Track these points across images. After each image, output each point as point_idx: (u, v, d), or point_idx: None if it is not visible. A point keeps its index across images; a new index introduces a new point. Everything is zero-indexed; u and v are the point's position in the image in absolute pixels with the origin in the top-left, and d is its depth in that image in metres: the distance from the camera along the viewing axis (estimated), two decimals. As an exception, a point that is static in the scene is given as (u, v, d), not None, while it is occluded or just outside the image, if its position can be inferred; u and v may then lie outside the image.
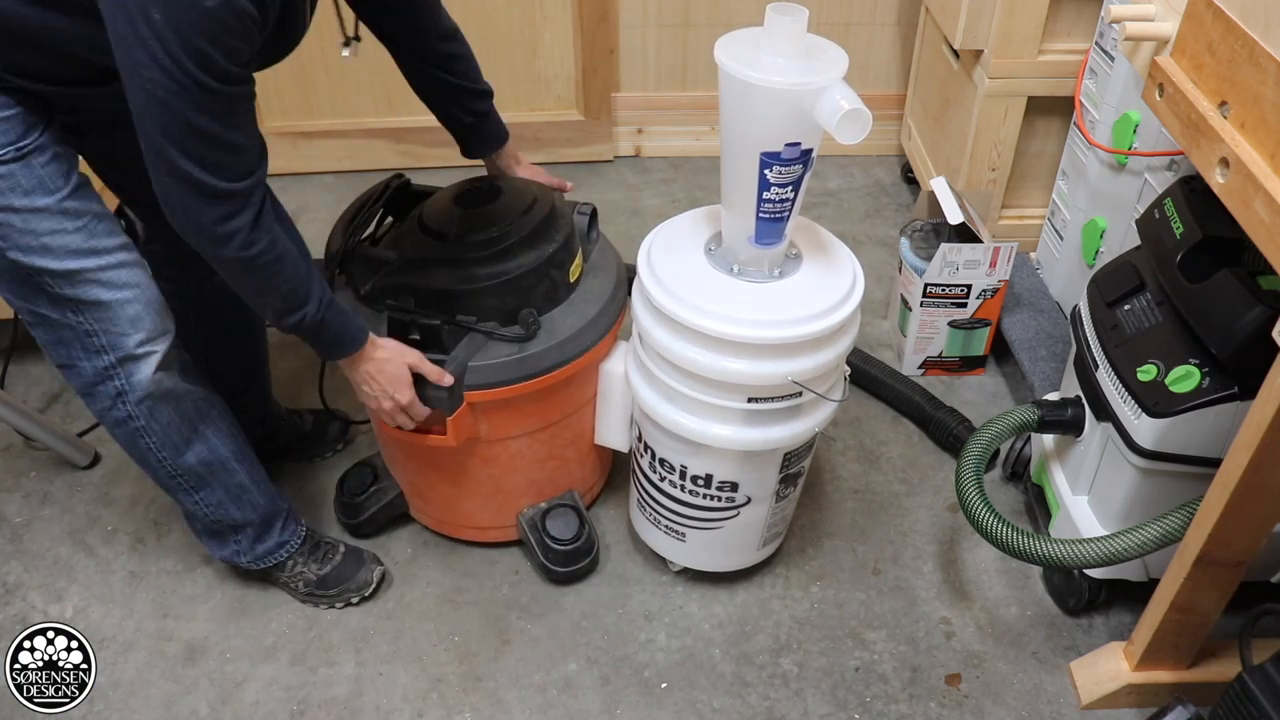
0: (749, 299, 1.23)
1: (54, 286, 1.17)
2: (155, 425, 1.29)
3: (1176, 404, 1.23)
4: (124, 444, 1.32)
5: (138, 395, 1.26)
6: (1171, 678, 1.34)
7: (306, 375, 1.94)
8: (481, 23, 2.39)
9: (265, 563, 1.47)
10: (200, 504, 1.38)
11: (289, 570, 1.49)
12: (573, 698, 1.40)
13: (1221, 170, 0.97)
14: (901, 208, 2.45)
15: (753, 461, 1.34)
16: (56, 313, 1.19)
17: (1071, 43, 1.88)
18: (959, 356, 1.92)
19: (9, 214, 1.12)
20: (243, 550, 1.46)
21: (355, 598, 1.51)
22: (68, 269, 1.15)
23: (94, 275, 1.18)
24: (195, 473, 1.35)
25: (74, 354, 1.23)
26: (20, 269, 1.15)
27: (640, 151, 2.66)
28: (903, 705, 1.39)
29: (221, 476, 1.38)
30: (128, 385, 1.25)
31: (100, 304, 1.19)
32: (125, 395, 1.26)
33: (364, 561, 1.53)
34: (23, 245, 1.13)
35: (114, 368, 1.23)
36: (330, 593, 1.50)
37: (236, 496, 1.40)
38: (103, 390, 1.25)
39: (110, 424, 1.29)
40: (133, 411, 1.27)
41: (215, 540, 1.46)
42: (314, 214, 2.42)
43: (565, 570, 1.51)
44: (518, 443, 1.44)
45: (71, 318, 1.19)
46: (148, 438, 1.30)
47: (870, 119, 1.04)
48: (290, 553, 1.48)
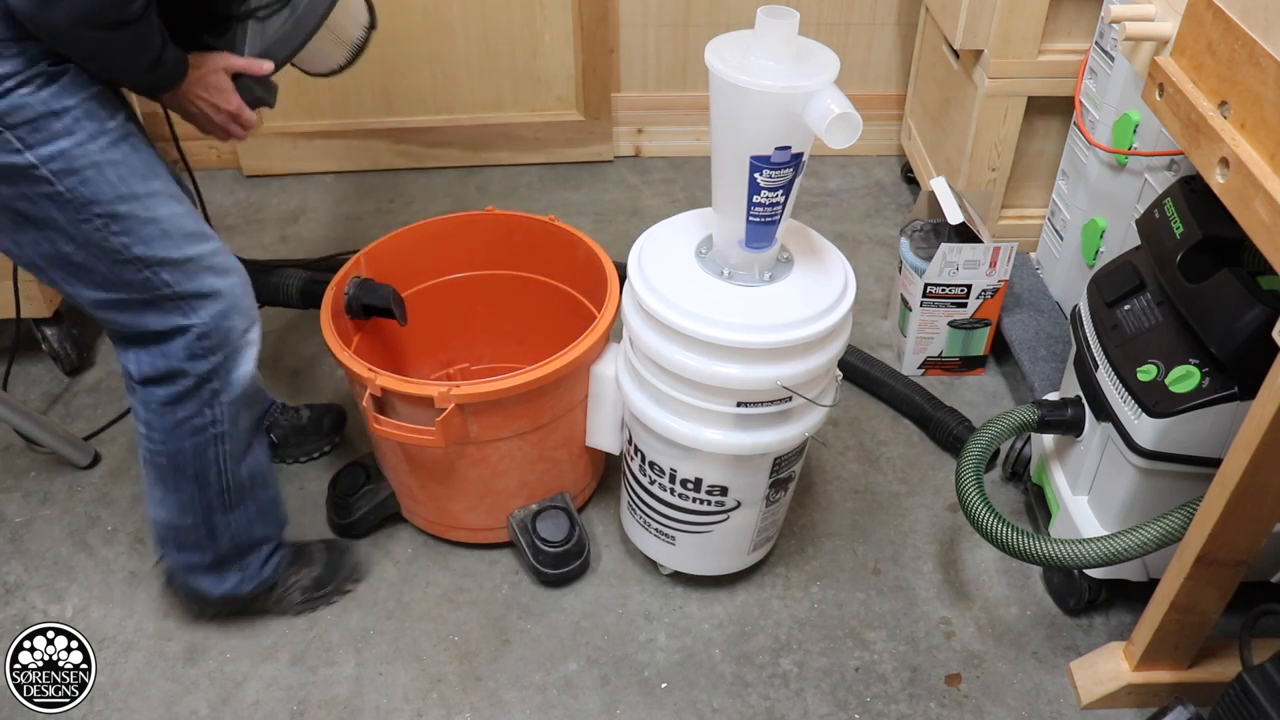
0: (739, 303, 1.22)
1: (172, 285, 1.12)
2: (234, 430, 1.24)
3: (1176, 404, 1.23)
4: (186, 457, 1.24)
5: (233, 395, 1.20)
6: (1171, 678, 1.34)
7: (306, 373, 1.94)
8: (481, 23, 2.39)
9: (268, 583, 1.42)
10: (234, 523, 1.32)
11: (285, 584, 1.45)
12: (573, 698, 1.40)
13: (1221, 170, 0.97)
14: (901, 208, 2.45)
15: (743, 466, 1.34)
16: (162, 319, 1.14)
17: (1071, 43, 1.88)
18: (959, 356, 1.92)
19: (132, 203, 1.08)
20: (249, 576, 1.40)
21: (351, 586, 1.50)
22: (186, 256, 1.12)
23: (209, 261, 1.14)
24: (242, 486, 1.30)
25: (175, 362, 1.17)
26: (140, 270, 1.10)
27: (640, 151, 2.66)
28: (903, 705, 1.39)
29: (258, 491, 1.34)
30: (225, 385, 1.20)
31: (215, 294, 1.15)
32: (218, 397, 1.20)
33: (344, 549, 1.52)
34: (146, 236, 1.09)
35: (219, 368, 1.18)
36: (327, 589, 1.49)
37: (265, 511, 1.36)
38: (196, 396, 1.19)
39: (184, 434, 1.22)
40: (220, 415, 1.21)
41: (220, 573, 1.38)
42: (314, 214, 2.42)
43: (555, 572, 1.51)
44: (508, 444, 1.44)
45: (181, 320, 1.15)
46: (221, 445, 1.24)
47: (860, 124, 1.04)
48: (287, 565, 1.45)
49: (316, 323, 1.46)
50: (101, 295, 1.14)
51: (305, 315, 2.04)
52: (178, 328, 1.16)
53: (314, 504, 1.67)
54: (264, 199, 2.47)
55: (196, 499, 1.29)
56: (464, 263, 1.70)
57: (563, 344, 1.38)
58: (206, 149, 2.53)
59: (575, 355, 1.37)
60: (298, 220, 2.40)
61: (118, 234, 1.10)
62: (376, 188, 2.52)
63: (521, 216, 1.66)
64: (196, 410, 1.22)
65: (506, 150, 2.58)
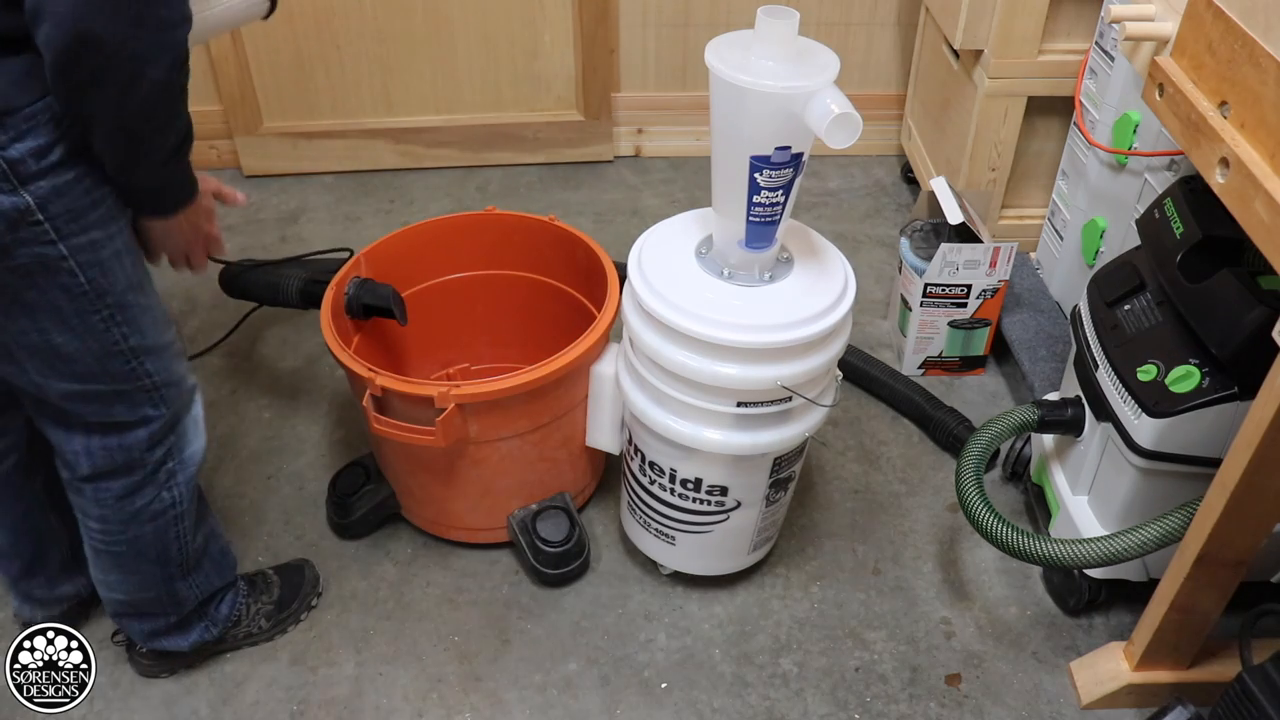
0: (739, 303, 1.22)
1: (153, 374, 1.08)
2: (189, 507, 1.20)
3: (1176, 404, 1.23)
4: (148, 540, 1.20)
5: (189, 474, 1.16)
6: (1171, 678, 1.34)
7: (306, 373, 1.94)
8: (481, 23, 2.39)
9: (231, 618, 1.39)
10: (194, 585, 1.30)
11: (249, 615, 1.42)
12: (573, 698, 1.40)
13: (1221, 170, 0.97)
14: (901, 208, 2.45)
15: (743, 466, 1.34)
16: (132, 410, 1.09)
17: (1071, 43, 1.88)
18: (959, 356, 1.92)
19: (137, 293, 1.03)
20: (212, 621, 1.36)
21: (314, 599, 1.49)
22: (165, 343, 1.08)
23: (177, 346, 1.10)
24: (200, 549, 1.27)
25: (135, 453, 1.12)
26: (128, 361, 1.05)
27: (640, 151, 2.66)
28: (903, 705, 1.39)
29: (211, 546, 1.31)
30: (180, 464, 1.16)
31: (181, 381, 1.11)
32: (175, 478, 1.16)
33: (298, 566, 1.50)
34: (144, 326, 1.05)
35: (173, 449, 1.14)
36: (292, 607, 1.47)
37: (220, 562, 1.34)
38: (153, 482, 1.15)
39: (144, 521, 1.17)
40: (178, 495, 1.17)
41: (185, 629, 1.35)
42: (314, 214, 2.42)
43: (555, 572, 1.51)
44: (508, 444, 1.44)
45: (150, 410, 1.10)
46: (181, 523, 1.20)
47: (860, 124, 1.04)
48: (244, 597, 1.42)
49: (316, 323, 1.46)
50: (76, 387, 1.06)
51: (305, 315, 2.04)
52: (144, 418, 1.12)
53: (314, 504, 1.67)
54: (264, 199, 2.47)
55: (158, 575, 1.26)
56: (464, 263, 1.70)
57: (563, 344, 1.38)
58: (206, 149, 2.53)
59: (575, 355, 1.37)
60: (298, 220, 2.40)
61: (120, 324, 1.04)
62: (376, 188, 2.52)
63: (521, 216, 1.66)
64: (155, 495, 1.17)
65: (506, 150, 2.58)
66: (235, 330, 1.91)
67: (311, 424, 1.83)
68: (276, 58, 2.39)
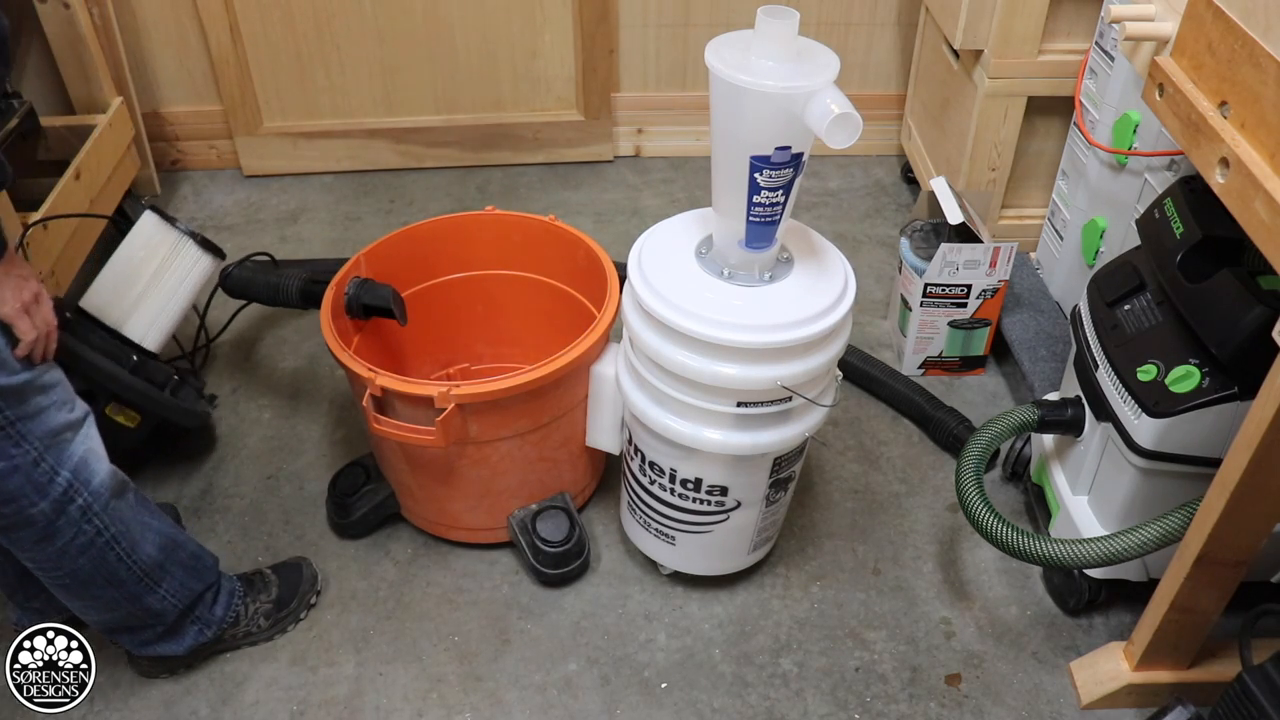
0: (739, 303, 1.22)
1: (10, 426, 1.05)
2: (120, 527, 1.18)
3: (1176, 404, 1.23)
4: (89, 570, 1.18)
5: (103, 501, 1.14)
6: (1171, 678, 1.34)
7: (306, 373, 1.94)
8: (481, 23, 2.39)
9: (228, 619, 1.39)
10: (168, 595, 1.29)
11: (247, 615, 1.42)
12: (573, 698, 1.40)
13: (1221, 170, 0.97)
14: (901, 208, 2.45)
15: (743, 466, 1.34)
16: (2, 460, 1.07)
17: (1071, 43, 1.88)
18: (959, 356, 1.92)
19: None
20: (206, 623, 1.37)
21: (314, 597, 1.49)
22: (21, 383, 1.05)
23: (38, 381, 1.07)
24: (156, 562, 1.26)
25: (24, 504, 1.09)
26: None
27: (640, 151, 2.66)
28: (903, 705, 1.39)
29: (176, 553, 1.29)
30: (90, 495, 1.13)
31: (41, 413, 1.08)
32: (90, 509, 1.14)
33: (296, 565, 1.50)
34: (10, 366, 1.03)
35: (71, 486, 1.11)
36: (291, 606, 1.46)
37: (193, 567, 1.33)
38: (64, 521, 1.12)
39: (74, 555, 1.15)
40: (101, 524, 1.15)
41: (177, 634, 1.35)
42: (314, 214, 2.42)
43: (555, 572, 1.51)
44: (508, 444, 1.44)
45: (17, 455, 1.07)
46: (118, 546, 1.18)
47: (860, 124, 1.04)
48: (241, 597, 1.42)
49: (316, 323, 1.46)
50: None
51: (305, 315, 2.04)
52: (11, 467, 1.08)
53: (314, 504, 1.67)
54: (264, 199, 2.47)
55: (117, 596, 1.26)
56: (464, 263, 1.70)
57: (563, 344, 1.38)
58: (206, 148, 2.53)
59: (575, 355, 1.37)
60: (298, 220, 2.40)
61: None
62: (376, 188, 2.52)
63: (521, 216, 1.66)
64: (75, 532, 1.15)
65: (506, 150, 2.58)
66: (225, 329, 1.92)
67: (311, 424, 1.83)
68: (276, 58, 2.39)
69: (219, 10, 2.29)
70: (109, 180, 2.09)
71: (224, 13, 2.30)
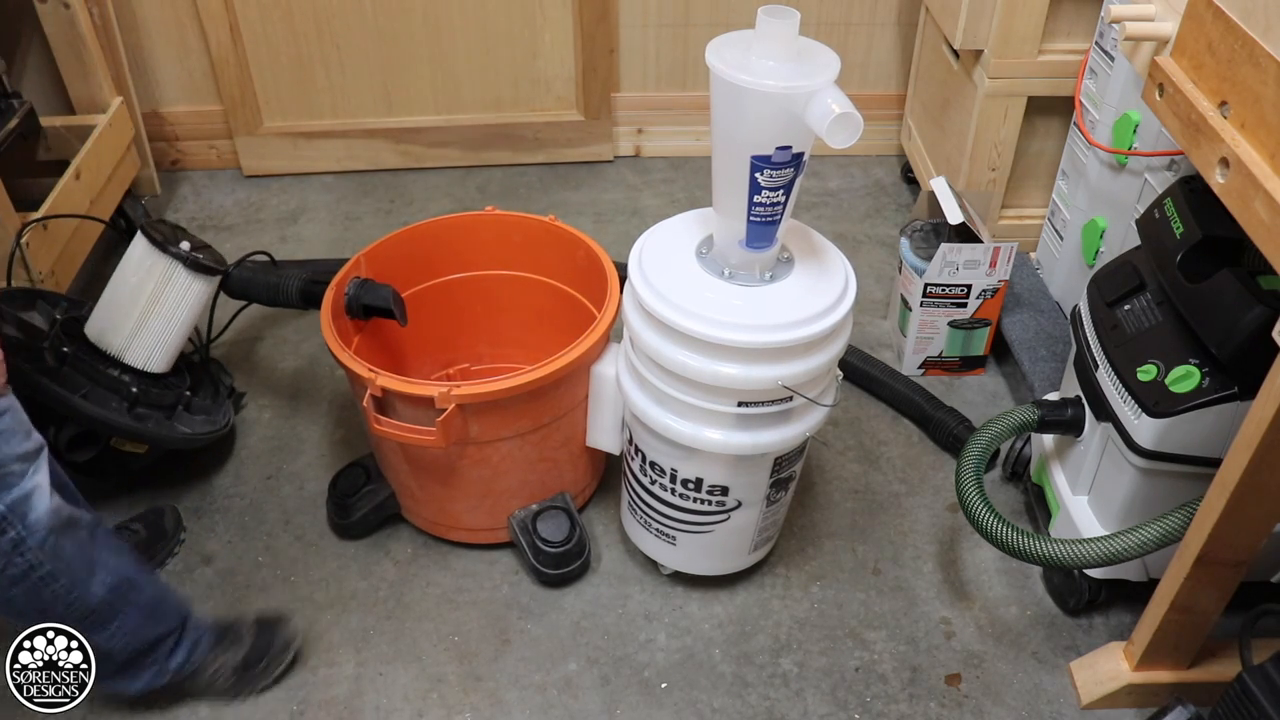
0: (740, 303, 1.22)
1: None
2: (61, 565, 1.14)
3: (1176, 404, 1.23)
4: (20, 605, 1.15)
5: (40, 536, 1.10)
6: (1171, 678, 1.34)
7: (306, 373, 1.94)
8: (481, 23, 2.39)
9: (188, 669, 1.33)
10: (116, 635, 1.24)
11: (211, 667, 1.35)
12: (573, 698, 1.40)
13: (1221, 170, 0.97)
14: (901, 208, 2.45)
15: (743, 466, 1.34)
16: None
17: (1071, 43, 1.88)
18: (959, 356, 1.92)
19: None
20: (162, 667, 1.31)
21: (283, 664, 1.41)
22: None
23: None
24: (105, 604, 1.21)
25: None
26: None
27: (640, 151, 2.66)
28: (903, 705, 1.39)
29: (132, 596, 1.24)
30: (24, 529, 1.09)
31: None
32: (24, 543, 1.10)
33: (275, 623, 1.42)
34: None
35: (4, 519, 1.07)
36: (259, 668, 1.38)
37: (150, 612, 1.27)
38: None
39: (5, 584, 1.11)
40: (35, 559, 1.11)
41: (130, 674, 1.30)
42: (313, 214, 2.42)
43: (555, 572, 1.51)
44: (509, 444, 1.44)
45: None
46: (54, 583, 1.14)
47: (861, 123, 1.04)
48: (207, 650, 1.35)
49: (316, 323, 1.46)
50: None
51: (305, 315, 2.04)
52: None
53: (314, 505, 1.67)
54: (264, 199, 2.47)
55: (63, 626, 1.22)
56: (464, 263, 1.70)
57: (563, 344, 1.38)
58: (206, 148, 2.53)
59: (575, 355, 1.37)
60: (298, 220, 2.40)
61: None
62: (376, 188, 2.52)
63: (521, 216, 1.66)
64: (5, 563, 1.11)
65: (506, 150, 2.58)
66: (225, 329, 1.92)
67: (311, 424, 1.83)
68: (276, 58, 2.40)
69: (219, 10, 2.29)
70: (109, 180, 2.10)
71: (224, 12, 2.30)
